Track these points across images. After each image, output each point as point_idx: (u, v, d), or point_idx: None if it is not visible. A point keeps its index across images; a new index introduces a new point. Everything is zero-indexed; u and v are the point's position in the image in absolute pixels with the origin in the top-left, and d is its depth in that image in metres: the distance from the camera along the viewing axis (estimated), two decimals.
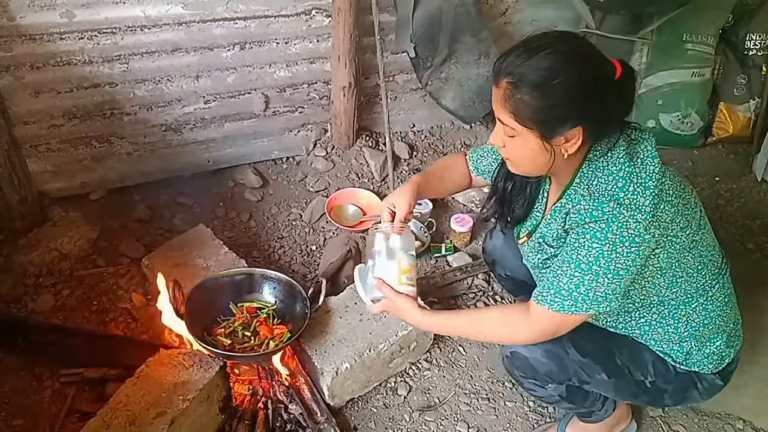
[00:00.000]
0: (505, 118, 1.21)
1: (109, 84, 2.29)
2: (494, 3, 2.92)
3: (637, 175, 1.19)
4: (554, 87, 1.13)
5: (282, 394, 1.76)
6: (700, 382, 1.45)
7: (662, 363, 1.44)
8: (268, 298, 1.90)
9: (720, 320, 1.41)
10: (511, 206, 1.51)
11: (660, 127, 3.19)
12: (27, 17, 2.04)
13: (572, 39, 1.20)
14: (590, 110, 1.16)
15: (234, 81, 2.52)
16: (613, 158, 1.21)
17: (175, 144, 2.56)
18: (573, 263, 1.22)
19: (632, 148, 1.22)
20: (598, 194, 1.20)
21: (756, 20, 3.18)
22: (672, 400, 1.49)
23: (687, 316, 1.37)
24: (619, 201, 1.17)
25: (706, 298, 1.37)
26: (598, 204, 1.18)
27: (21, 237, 2.21)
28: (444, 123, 3.16)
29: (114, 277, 2.17)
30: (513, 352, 1.46)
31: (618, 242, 1.17)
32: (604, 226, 1.17)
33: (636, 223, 1.16)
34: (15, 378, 1.80)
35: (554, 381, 1.46)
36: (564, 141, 1.19)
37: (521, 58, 1.15)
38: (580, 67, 1.15)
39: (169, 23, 2.26)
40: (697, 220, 1.31)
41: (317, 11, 2.50)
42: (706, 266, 1.35)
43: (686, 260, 1.30)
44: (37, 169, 2.31)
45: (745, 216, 2.83)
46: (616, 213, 1.16)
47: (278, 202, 2.65)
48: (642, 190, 1.17)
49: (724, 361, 1.44)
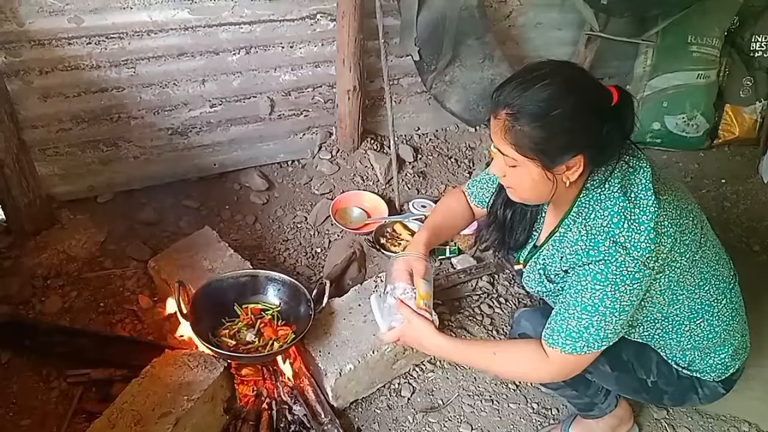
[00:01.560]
0: (505, 149, 1.20)
1: (116, 88, 2.31)
2: (498, 6, 2.93)
3: (632, 212, 1.19)
4: (553, 117, 1.13)
5: (286, 395, 1.77)
6: (702, 389, 1.46)
7: (666, 365, 1.44)
8: (273, 300, 1.91)
9: (726, 334, 1.40)
10: (512, 234, 1.48)
11: (665, 129, 3.19)
12: (36, 23, 2.07)
13: (568, 68, 1.21)
14: (590, 138, 1.16)
15: (240, 85, 2.54)
16: (608, 191, 1.22)
17: (182, 147, 2.58)
18: (579, 306, 1.23)
19: (627, 179, 1.22)
20: (595, 233, 1.21)
21: (761, 22, 3.18)
22: (671, 401, 1.50)
23: (690, 332, 1.37)
24: (615, 239, 1.17)
25: (712, 314, 1.36)
26: (595, 244, 1.20)
27: (29, 240, 2.23)
28: (448, 126, 3.17)
29: (121, 279, 2.18)
30: (521, 334, 1.47)
31: (619, 282, 1.18)
32: (603, 267, 1.18)
33: (634, 261, 1.17)
34: (23, 379, 1.82)
35: None
36: (565, 169, 1.19)
37: (519, 90, 1.15)
38: (578, 96, 1.15)
39: (176, 28, 2.28)
40: (697, 240, 1.30)
41: (322, 15, 2.52)
42: (709, 282, 1.34)
43: (686, 280, 1.30)
44: (45, 172, 2.34)
45: (751, 218, 2.82)
46: (613, 253, 1.17)
47: (283, 204, 2.67)
48: (637, 226, 1.18)
49: (728, 371, 1.44)
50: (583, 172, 1.21)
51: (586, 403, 1.61)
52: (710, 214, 2.81)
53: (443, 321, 2.04)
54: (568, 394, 1.59)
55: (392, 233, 2.49)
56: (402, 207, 2.68)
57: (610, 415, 1.65)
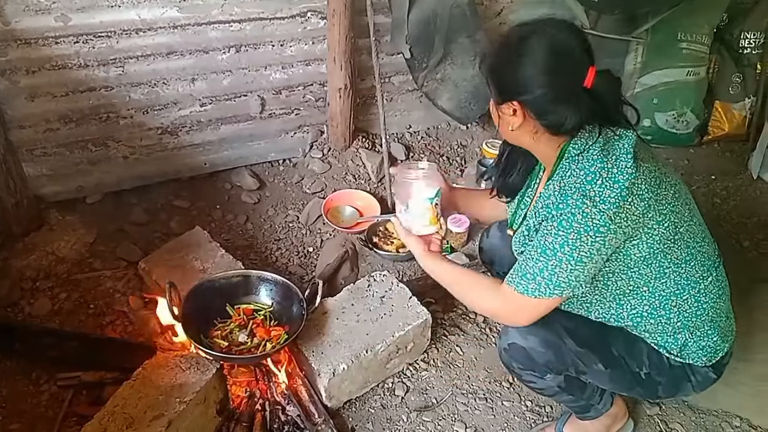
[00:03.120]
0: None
1: (104, 87, 2.29)
2: (489, 3, 2.93)
3: (609, 171, 1.23)
4: (503, 54, 1.27)
5: (279, 396, 1.76)
6: (694, 375, 1.46)
7: (657, 354, 1.45)
8: (265, 300, 1.90)
9: (713, 313, 1.42)
10: (506, 173, 1.56)
11: (656, 126, 3.20)
12: (22, 21, 2.04)
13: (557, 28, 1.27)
14: (534, 94, 1.23)
15: (230, 84, 2.52)
16: (589, 155, 1.26)
17: (172, 147, 2.56)
18: (540, 249, 1.28)
19: (609, 145, 1.26)
20: (567, 188, 1.26)
21: (750, 19, 3.20)
22: (666, 392, 1.50)
23: (678, 307, 1.39)
24: (585, 193, 1.22)
25: (698, 290, 1.39)
26: (565, 197, 1.25)
27: (18, 241, 2.21)
28: (440, 124, 3.17)
29: (111, 280, 2.17)
30: (511, 344, 1.47)
31: (582, 231, 1.22)
32: (570, 217, 1.23)
33: (600, 214, 1.20)
34: (12, 382, 1.80)
35: (552, 371, 1.48)
36: (511, 112, 1.28)
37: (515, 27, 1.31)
38: (540, 52, 1.22)
39: (165, 26, 2.26)
40: (678, 214, 1.33)
41: (312, 13, 2.50)
42: (696, 258, 1.37)
43: (672, 251, 1.33)
44: (33, 173, 2.31)
45: (740, 214, 2.84)
46: (580, 204, 1.22)
47: (275, 204, 2.66)
48: (611, 184, 1.21)
49: (717, 354, 1.45)
50: (531, 127, 1.28)
51: (583, 406, 1.61)
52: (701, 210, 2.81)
53: (436, 319, 2.04)
54: (565, 399, 1.59)
55: (385, 232, 2.48)
56: (394, 205, 2.67)
57: (605, 414, 1.66)
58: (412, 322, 1.87)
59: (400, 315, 1.89)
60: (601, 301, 1.42)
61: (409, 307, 1.92)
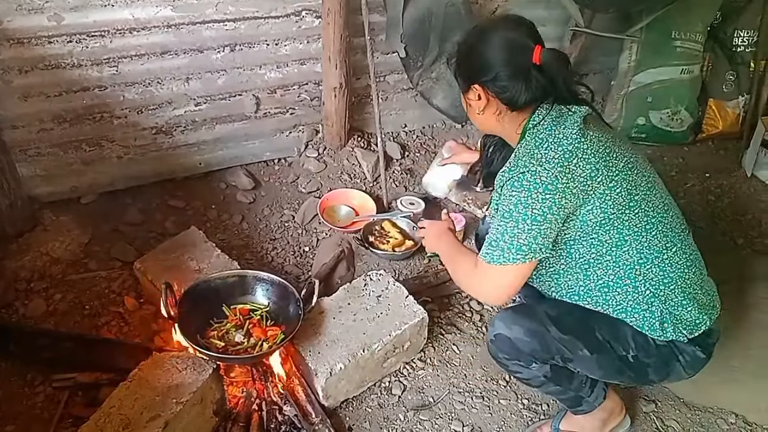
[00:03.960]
0: None
1: (98, 87, 2.28)
2: (484, 2, 2.93)
3: (555, 136, 1.35)
4: (463, 46, 1.44)
5: (276, 396, 1.76)
6: (681, 355, 1.47)
7: (642, 336, 1.46)
8: (261, 300, 1.89)
9: (683, 283, 1.44)
10: (488, 162, 1.76)
11: (650, 124, 3.21)
12: (14, 21, 2.03)
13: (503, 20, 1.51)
14: (492, 75, 1.37)
15: (224, 83, 2.51)
16: (541, 126, 1.38)
17: (166, 147, 2.55)
18: (498, 215, 1.37)
19: (560, 118, 1.38)
20: (519, 154, 1.38)
21: (744, 17, 3.21)
22: (656, 375, 1.51)
23: (644, 276, 1.42)
24: (533, 155, 1.34)
25: (662, 259, 1.42)
26: (516, 161, 1.36)
27: (12, 242, 2.19)
28: (435, 123, 3.17)
29: (106, 280, 2.16)
30: (497, 335, 1.51)
31: (532, 189, 1.30)
32: (521, 177, 1.32)
33: (546, 172, 1.30)
34: (7, 384, 1.79)
35: (538, 360, 1.50)
36: (475, 98, 1.43)
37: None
38: (491, 38, 1.39)
39: (159, 26, 2.25)
40: (632, 182, 1.39)
41: (307, 12, 2.50)
42: (656, 227, 1.42)
43: (628, 218, 1.38)
44: (27, 173, 2.30)
45: (735, 211, 2.85)
46: (528, 165, 1.32)
47: (270, 203, 2.65)
48: (555, 146, 1.33)
49: (699, 327, 1.45)
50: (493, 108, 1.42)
51: (573, 398, 1.61)
52: (695, 208, 2.85)
53: (432, 318, 2.04)
54: (552, 390, 1.60)
55: (381, 231, 2.48)
56: (390, 204, 2.67)
57: (599, 408, 1.66)
58: (409, 321, 1.87)
59: (397, 314, 1.89)
60: (568, 272, 1.47)
61: (405, 306, 1.92)
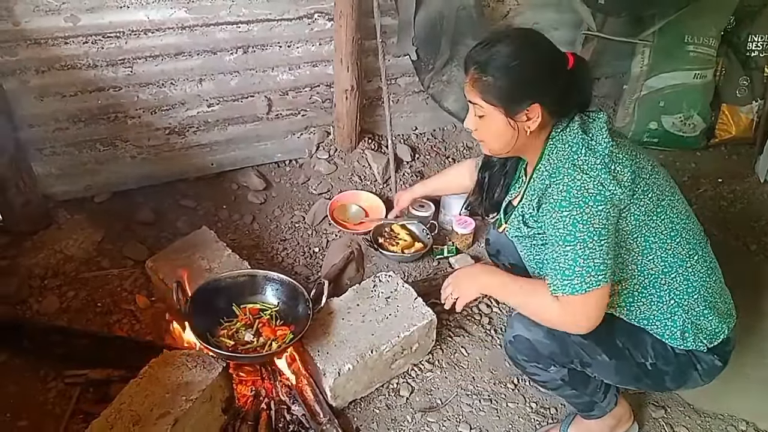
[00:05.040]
0: (474, 98, 1.39)
1: (113, 87, 2.31)
2: (496, 6, 2.93)
3: (588, 142, 1.34)
4: (515, 68, 1.32)
5: (285, 395, 1.77)
6: (699, 363, 1.46)
7: (661, 344, 1.45)
8: (271, 300, 1.90)
9: (705, 292, 1.44)
10: (489, 194, 1.69)
11: (662, 129, 3.19)
12: (32, 22, 2.06)
13: (529, 31, 1.42)
14: (547, 89, 1.34)
15: (237, 84, 2.53)
16: (569, 131, 1.37)
17: (179, 147, 2.57)
18: (560, 240, 1.30)
19: (585, 125, 1.38)
20: (556, 160, 1.36)
21: (758, 22, 3.19)
22: (673, 383, 1.50)
23: (668, 285, 1.41)
24: (574, 162, 1.31)
25: (686, 267, 1.41)
26: (557, 168, 1.34)
27: (26, 239, 2.22)
28: (446, 125, 3.17)
29: (118, 279, 2.18)
30: (516, 336, 1.50)
31: (583, 203, 1.27)
32: (566, 194, 1.28)
33: (592, 180, 1.28)
34: (20, 379, 1.81)
35: (557, 363, 1.49)
36: (525, 119, 1.36)
37: (485, 48, 1.35)
38: (536, 52, 1.34)
39: (173, 27, 2.28)
40: (660, 186, 1.39)
41: (319, 15, 2.52)
42: (680, 234, 1.41)
43: (656, 225, 1.37)
44: (42, 172, 2.33)
45: (748, 217, 2.83)
46: (572, 173, 1.29)
47: (281, 204, 2.67)
48: (592, 153, 1.31)
49: (718, 337, 1.45)
50: (543, 123, 1.37)
51: (587, 403, 1.61)
52: (707, 214, 2.82)
53: (441, 320, 2.04)
54: (568, 394, 1.59)
55: (390, 233, 2.49)
56: None
57: (609, 414, 1.65)
58: (418, 322, 1.87)
59: (406, 316, 1.89)
60: None
61: (414, 308, 1.92)
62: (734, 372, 1.60)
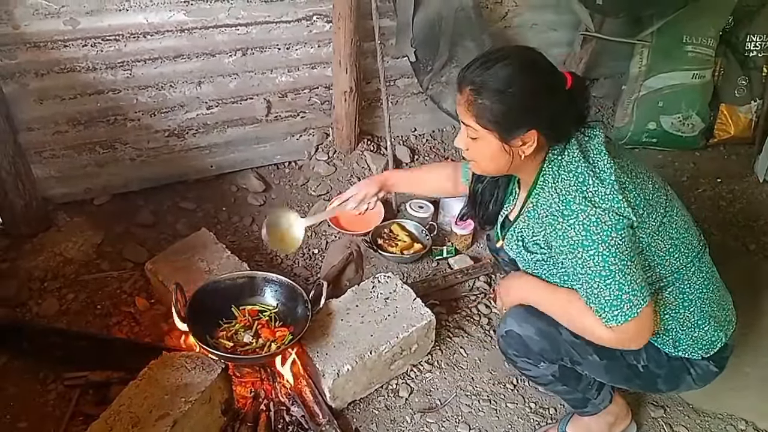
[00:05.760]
0: (468, 121, 1.32)
1: (112, 90, 2.31)
2: (494, 7, 2.94)
3: (593, 169, 1.29)
4: (511, 93, 1.25)
5: (284, 396, 1.77)
6: (693, 368, 1.46)
7: (654, 348, 1.45)
8: (270, 301, 1.91)
9: (702, 303, 1.42)
10: (483, 207, 1.63)
11: (661, 129, 3.19)
12: (31, 25, 2.06)
13: (527, 52, 1.33)
14: (543, 115, 1.28)
15: (236, 87, 2.54)
16: (569, 156, 1.32)
17: (178, 149, 2.58)
18: (595, 277, 1.27)
19: (583, 146, 1.34)
20: (565, 193, 1.30)
21: (756, 21, 3.19)
22: (665, 385, 1.50)
23: (663, 300, 1.40)
24: (585, 195, 1.27)
25: (682, 281, 1.40)
26: (567, 203, 1.28)
27: (26, 242, 2.23)
28: (445, 127, 3.18)
29: (118, 281, 2.18)
30: (507, 331, 1.52)
31: (606, 237, 1.24)
32: (584, 232, 1.25)
33: (606, 213, 1.24)
34: (20, 381, 1.81)
35: (546, 360, 1.50)
36: (521, 143, 1.30)
37: (482, 68, 1.28)
38: (534, 76, 1.28)
39: (172, 30, 2.29)
40: (662, 204, 1.37)
41: (318, 17, 2.52)
42: (679, 249, 1.39)
43: (657, 244, 1.35)
44: (41, 174, 2.33)
45: (747, 217, 2.83)
46: (585, 208, 1.25)
47: (280, 206, 2.67)
48: (600, 181, 1.28)
49: (714, 346, 1.45)
50: (539, 147, 1.31)
51: (579, 399, 1.61)
52: (706, 214, 2.82)
53: (440, 321, 2.04)
54: (559, 390, 1.60)
55: (389, 234, 2.49)
56: (399, 208, 2.68)
57: (605, 411, 1.65)
58: (417, 323, 1.87)
59: (405, 316, 1.89)
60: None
61: (413, 309, 1.92)
62: (733, 371, 1.60)
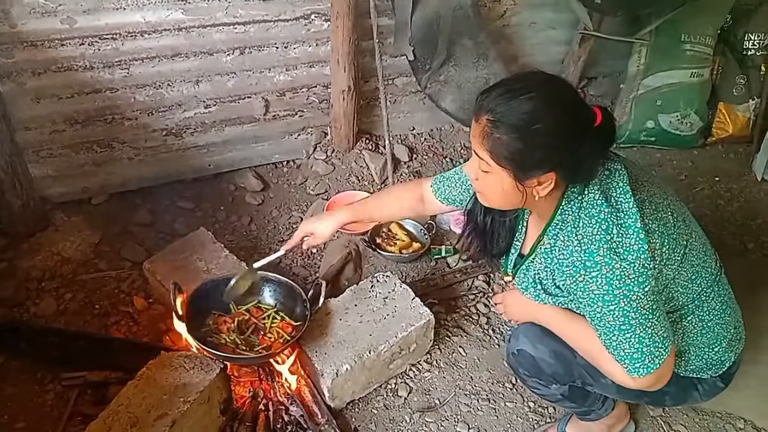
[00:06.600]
0: (482, 153, 1.20)
1: (110, 89, 2.31)
2: (492, 6, 2.94)
3: (617, 216, 1.19)
4: (532, 132, 1.12)
5: (283, 396, 1.77)
6: (701, 385, 1.46)
7: None
8: (269, 301, 1.90)
9: (718, 327, 1.40)
10: (494, 240, 1.48)
11: (659, 128, 3.20)
12: (28, 24, 2.06)
13: (556, 83, 1.19)
14: (565, 157, 1.16)
15: (234, 85, 2.53)
16: (589, 197, 1.22)
17: (176, 148, 2.57)
18: (615, 330, 1.21)
19: (605, 185, 1.23)
20: (587, 242, 1.20)
21: (754, 20, 3.19)
22: (672, 401, 1.50)
23: (683, 329, 1.37)
24: (609, 246, 1.17)
25: (701, 308, 1.37)
26: (590, 254, 1.19)
27: (23, 242, 2.22)
28: (443, 125, 3.17)
29: (116, 280, 2.18)
30: (520, 350, 1.47)
31: (628, 292, 1.17)
32: (608, 287, 1.18)
33: (630, 266, 1.17)
34: (18, 381, 1.81)
35: (558, 382, 1.48)
36: (537, 184, 1.19)
37: (504, 98, 1.14)
38: (560, 114, 1.14)
39: (169, 29, 2.28)
40: (683, 234, 1.30)
41: (316, 16, 2.52)
42: (700, 274, 1.34)
43: (680, 275, 1.30)
44: (39, 174, 2.32)
45: (745, 216, 2.83)
46: (609, 261, 1.17)
47: (279, 205, 2.67)
48: (626, 230, 1.18)
49: (724, 365, 1.44)
50: (556, 187, 1.20)
51: (585, 411, 1.61)
52: (704, 212, 2.83)
53: (438, 320, 2.04)
54: (567, 405, 1.60)
55: (388, 233, 2.49)
56: None
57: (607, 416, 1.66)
58: (415, 323, 1.87)
59: (403, 316, 1.89)
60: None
61: (412, 308, 1.92)
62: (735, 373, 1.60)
